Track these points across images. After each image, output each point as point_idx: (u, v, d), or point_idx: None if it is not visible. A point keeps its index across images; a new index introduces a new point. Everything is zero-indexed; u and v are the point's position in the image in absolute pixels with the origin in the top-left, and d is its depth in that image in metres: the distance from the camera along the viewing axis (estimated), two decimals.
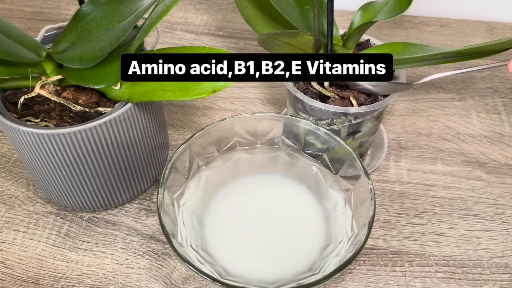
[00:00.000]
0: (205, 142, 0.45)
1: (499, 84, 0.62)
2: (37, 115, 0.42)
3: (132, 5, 0.42)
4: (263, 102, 0.60)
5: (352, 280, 0.44)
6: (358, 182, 0.41)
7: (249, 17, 0.50)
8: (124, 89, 0.41)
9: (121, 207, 0.49)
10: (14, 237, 0.47)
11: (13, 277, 0.44)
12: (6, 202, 0.50)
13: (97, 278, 0.44)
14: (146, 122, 0.43)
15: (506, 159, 0.54)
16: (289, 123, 0.46)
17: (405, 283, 0.44)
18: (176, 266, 0.45)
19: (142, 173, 0.47)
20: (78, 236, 0.47)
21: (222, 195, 0.44)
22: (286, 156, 0.47)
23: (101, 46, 0.40)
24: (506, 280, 0.44)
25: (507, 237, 0.47)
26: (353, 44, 0.48)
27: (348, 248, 0.38)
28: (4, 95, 0.43)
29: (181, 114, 0.59)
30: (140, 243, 0.46)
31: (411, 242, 0.46)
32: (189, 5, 0.76)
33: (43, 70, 0.42)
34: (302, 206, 0.44)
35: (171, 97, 0.39)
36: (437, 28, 0.72)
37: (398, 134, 0.56)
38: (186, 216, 0.42)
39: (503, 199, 0.50)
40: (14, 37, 0.40)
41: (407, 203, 0.50)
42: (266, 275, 0.39)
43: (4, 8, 0.76)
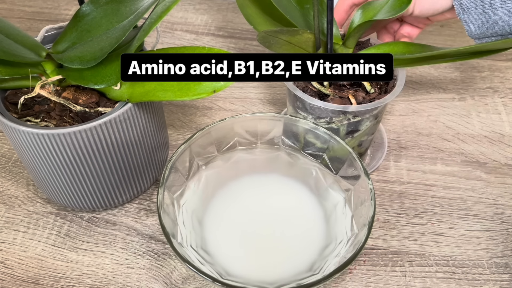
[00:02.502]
0: (205, 142, 0.45)
1: (499, 84, 0.62)
2: (37, 115, 0.42)
3: (132, 5, 0.42)
4: (263, 102, 0.60)
5: (352, 280, 0.44)
6: (358, 182, 0.41)
7: (250, 15, 0.50)
8: (124, 89, 0.41)
9: (121, 207, 0.49)
10: (14, 237, 0.47)
11: (13, 277, 0.44)
12: (6, 202, 0.50)
13: (97, 278, 0.44)
14: (146, 122, 0.43)
15: (506, 159, 0.54)
16: (289, 123, 0.46)
17: (405, 283, 0.44)
18: (176, 266, 0.45)
19: (142, 173, 0.47)
20: (78, 236, 0.47)
21: (222, 195, 0.44)
22: (286, 156, 0.47)
23: (101, 46, 0.40)
24: (506, 280, 0.44)
25: (507, 237, 0.47)
26: (353, 43, 0.48)
27: (348, 248, 0.38)
28: (4, 95, 0.43)
29: (181, 114, 0.59)
30: (140, 243, 0.46)
31: (411, 242, 0.46)
32: (189, 5, 0.76)
33: (43, 70, 0.42)
34: (302, 206, 0.44)
35: (171, 97, 0.39)
36: (437, 28, 0.72)
37: (398, 134, 0.56)
38: (186, 216, 0.42)
39: (503, 199, 0.50)
40: (14, 37, 0.40)
41: (407, 203, 0.50)
42: (266, 275, 0.39)
43: (4, 8, 0.76)
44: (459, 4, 0.45)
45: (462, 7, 0.45)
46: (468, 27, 0.46)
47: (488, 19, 0.44)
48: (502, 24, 0.44)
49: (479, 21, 0.45)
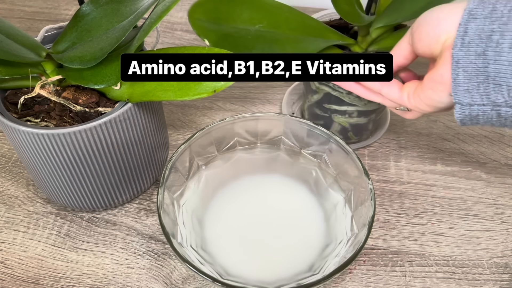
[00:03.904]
0: (205, 142, 0.45)
1: None
2: (37, 115, 0.42)
3: (132, 5, 0.42)
4: (263, 102, 0.60)
5: (352, 280, 0.44)
6: (358, 182, 0.41)
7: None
8: (124, 89, 0.41)
9: (121, 207, 0.49)
10: (14, 237, 0.47)
11: (13, 277, 0.44)
12: (6, 202, 0.50)
13: (97, 278, 0.44)
14: (146, 122, 0.43)
15: (506, 159, 0.54)
16: (289, 123, 0.46)
17: (405, 283, 0.44)
18: (176, 266, 0.45)
19: (142, 173, 0.47)
20: (78, 236, 0.47)
21: (222, 195, 0.44)
22: (286, 156, 0.47)
23: (101, 46, 0.40)
24: (506, 280, 0.44)
25: (507, 237, 0.47)
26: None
27: (348, 248, 0.38)
28: (4, 95, 0.43)
29: (181, 114, 0.59)
30: (140, 243, 0.46)
31: (411, 242, 0.46)
32: (189, 5, 0.75)
33: (43, 70, 0.42)
34: (302, 206, 0.44)
35: (171, 97, 0.39)
36: None
37: (398, 134, 0.56)
38: (186, 216, 0.42)
39: (503, 199, 0.50)
40: (14, 37, 0.40)
41: (407, 203, 0.50)
42: (266, 275, 0.39)
43: (4, 8, 0.76)
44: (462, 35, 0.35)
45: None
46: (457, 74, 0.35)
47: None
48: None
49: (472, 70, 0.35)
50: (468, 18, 0.34)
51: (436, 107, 0.38)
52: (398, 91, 0.40)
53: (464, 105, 0.35)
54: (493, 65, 0.33)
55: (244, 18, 0.47)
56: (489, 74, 0.33)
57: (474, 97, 0.34)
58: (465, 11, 0.34)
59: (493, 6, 0.33)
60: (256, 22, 0.47)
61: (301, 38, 0.47)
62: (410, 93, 0.39)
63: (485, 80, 0.34)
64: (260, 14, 0.48)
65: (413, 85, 0.39)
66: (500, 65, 0.33)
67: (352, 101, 0.48)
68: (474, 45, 0.33)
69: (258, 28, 0.47)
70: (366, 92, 0.43)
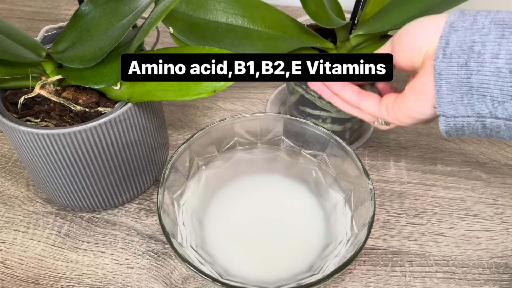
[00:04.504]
0: (205, 142, 0.45)
1: None
2: (37, 115, 0.42)
3: (131, 3, 0.42)
4: (263, 102, 0.60)
5: (352, 280, 0.44)
6: (358, 182, 0.41)
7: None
8: (124, 89, 0.41)
9: (121, 207, 0.49)
10: (14, 237, 0.47)
11: (13, 277, 0.44)
12: (6, 202, 0.50)
13: (97, 278, 0.44)
14: (146, 122, 0.43)
15: (506, 159, 0.54)
16: (289, 123, 0.46)
17: (405, 283, 0.44)
18: (176, 266, 0.45)
19: (142, 173, 0.47)
20: (78, 236, 0.47)
21: (222, 195, 0.44)
22: (286, 156, 0.47)
23: (101, 45, 0.40)
24: (506, 280, 0.44)
25: (507, 237, 0.47)
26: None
27: (348, 248, 0.38)
28: (4, 95, 0.43)
29: (181, 114, 0.59)
30: (140, 243, 0.46)
31: (411, 242, 0.46)
32: None
33: (43, 70, 0.42)
34: (302, 206, 0.44)
35: (171, 97, 0.39)
36: None
37: (398, 134, 0.56)
38: (186, 216, 0.42)
39: (503, 199, 0.50)
40: (14, 37, 0.40)
41: (407, 203, 0.50)
42: (266, 275, 0.39)
43: (4, 8, 0.76)
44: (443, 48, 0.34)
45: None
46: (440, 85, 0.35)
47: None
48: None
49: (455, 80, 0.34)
50: (449, 30, 0.34)
51: (417, 118, 0.37)
52: (376, 104, 0.40)
53: (449, 117, 0.35)
54: (475, 76, 0.33)
55: (218, 8, 0.46)
56: (472, 85, 0.33)
57: (458, 109, 0.34)
58: (446, 24, 0.34)
59: (474, 18, 0.33)
60: (230, 15, 0.47)
61: (275, 36, 0.46)
62: (389, 105, 0.39)
63: (468, 91, 0.33)
64: (235, 7, 0.47)
65: (391, 97, 0.39)
66: (483, 75, 0.33)
67: (323, 106, 0.48)
68: (456, 56, 0.33)
69: (230, 22, 0.47)
70: (345, 105, 0.42)
